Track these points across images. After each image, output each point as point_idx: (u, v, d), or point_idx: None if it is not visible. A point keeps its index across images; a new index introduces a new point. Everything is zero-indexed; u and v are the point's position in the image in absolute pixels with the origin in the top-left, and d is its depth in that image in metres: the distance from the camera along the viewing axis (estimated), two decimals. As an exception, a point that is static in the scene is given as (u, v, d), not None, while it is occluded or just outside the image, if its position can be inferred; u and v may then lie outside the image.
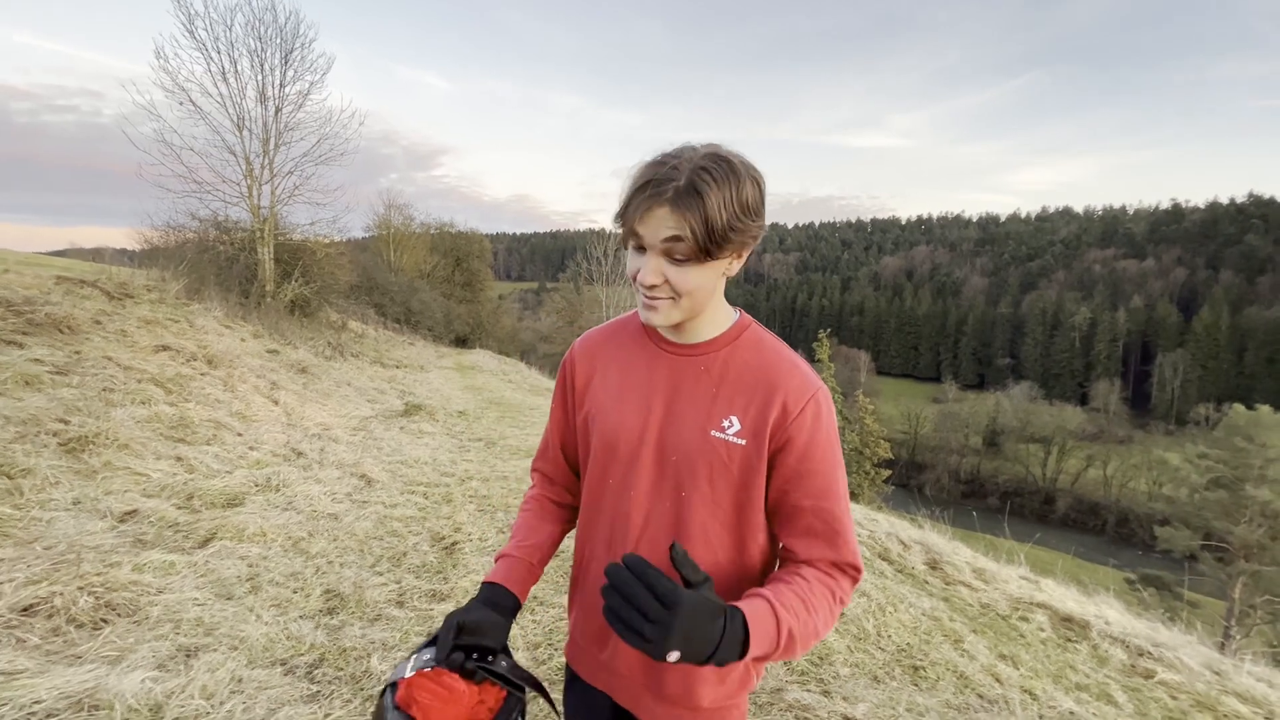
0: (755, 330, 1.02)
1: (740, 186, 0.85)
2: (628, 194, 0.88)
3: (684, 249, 0.85)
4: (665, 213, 0.84)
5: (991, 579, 4.81)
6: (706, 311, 0.97)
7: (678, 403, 0.97)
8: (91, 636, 2.16)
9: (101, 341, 5.63)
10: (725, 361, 0.98)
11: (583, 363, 1.09)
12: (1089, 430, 58.98)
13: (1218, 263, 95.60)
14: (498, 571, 1.04)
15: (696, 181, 0.82)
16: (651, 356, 1.02)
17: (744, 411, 0.94)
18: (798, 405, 0.92)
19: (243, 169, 12.26)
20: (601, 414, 1.02)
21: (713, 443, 0.94)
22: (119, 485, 3.49)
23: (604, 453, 1.01)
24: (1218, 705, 3.20)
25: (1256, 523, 22.23)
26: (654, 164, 0.87)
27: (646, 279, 0.88)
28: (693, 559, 0.78)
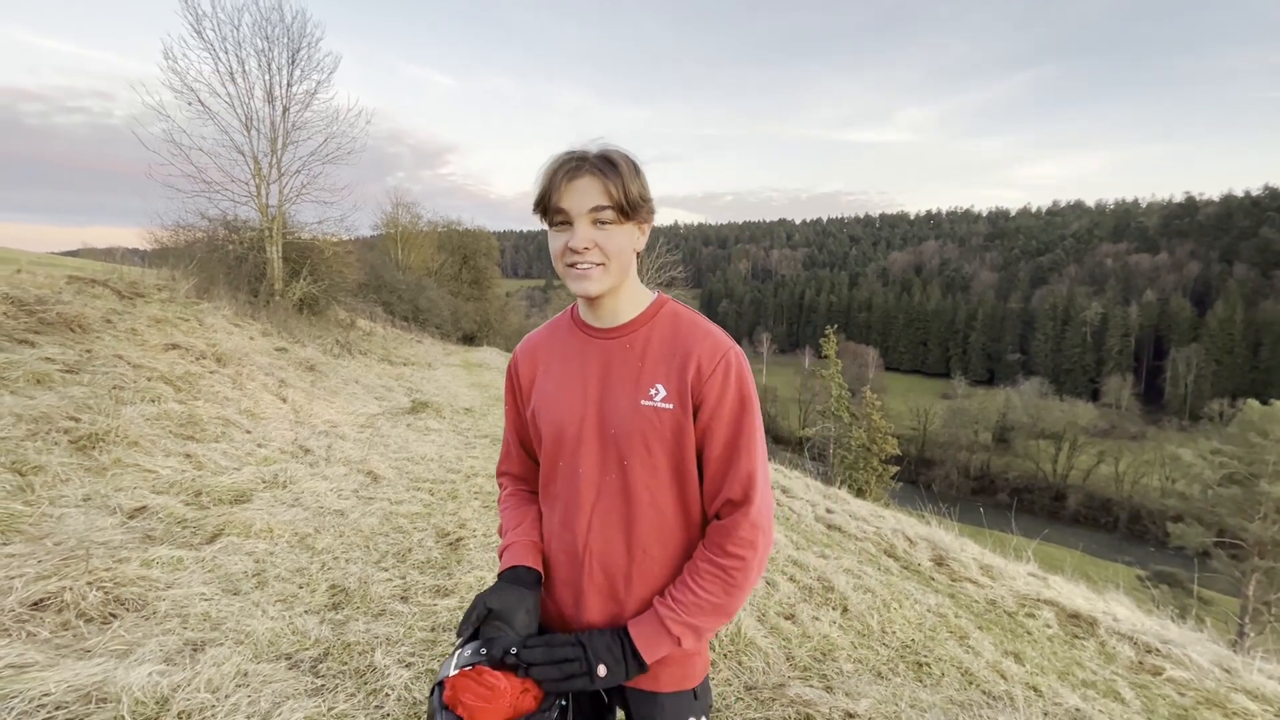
0: (672, 306, 1.12)
1: (638, 168, 1.02)
2: (546, 178, 1.00)
3: (608, 212, 0.98)
4: (587, 181, 0.97)
5: (998, 575, 4.78)
6: (625, 291, 1.08)
7: (610, 381, 1.07)
8: (100, 631, 2.19)
9: (112, 340, 5.70)
10: (647, 337, 1.08)
11: (525, 363, 1.20)
12: (1101, 426, 58.37)
13: (1232, 256, 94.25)
14: (511, 556, 1.11)
15: (608, 155, 0.99)
16: (583, 345, 1.12)
17: (666, 378, 1.04)
18: (710, 365, 1.02)
19: (251, 168, 12.34)
20: (546, 405, 1.11)
21: (644, 411, 1.03)
22: (129, 482, 3.53)
23: (553, 440, 1.10)
24: (1226, 702, 3.17)
25: (1271, 519, 21.95)
26: (563, 154, 1.01)
27: (578, 243, 0.99)
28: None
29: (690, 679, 1.09)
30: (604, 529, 1.06)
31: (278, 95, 12.32)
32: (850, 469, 25.38)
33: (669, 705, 1.07)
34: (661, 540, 1.06)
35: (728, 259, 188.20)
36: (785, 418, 65.40)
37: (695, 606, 0.99)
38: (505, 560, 1.11)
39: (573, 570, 1.08)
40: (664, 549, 1.06)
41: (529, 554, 1.12)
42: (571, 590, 1.09)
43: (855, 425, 26.88)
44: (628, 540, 1.05)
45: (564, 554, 1.09)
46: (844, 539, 5.20)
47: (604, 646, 0.97)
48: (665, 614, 0.99)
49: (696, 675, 1.10)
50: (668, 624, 0.99)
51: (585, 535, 1.06)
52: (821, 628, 3.15)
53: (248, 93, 11.97)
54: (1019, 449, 56.35)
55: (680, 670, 1.08)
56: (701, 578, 1.00)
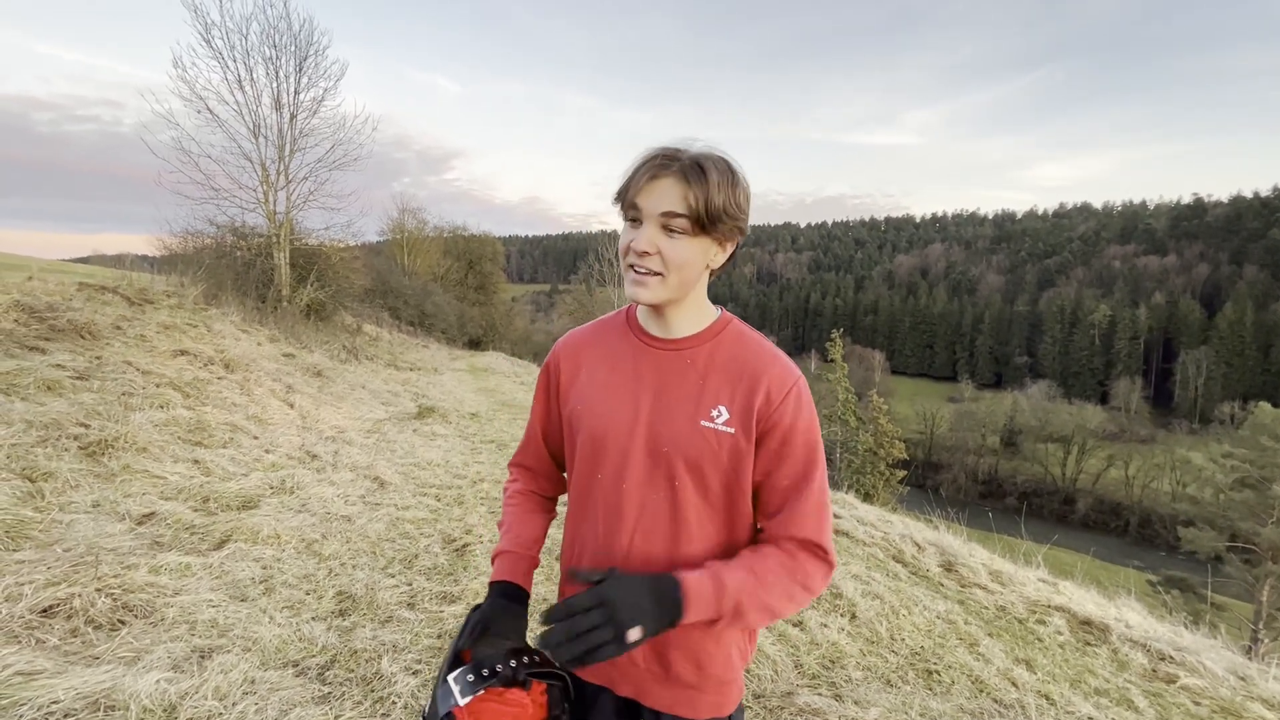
0: (737, 325, 1.06)
1: (735, 180, 0.94)
2: (631, 171, 0.94)
3: (681, 221, 0.91)
4: (669, 183, 0.91)
5: (1008, 581, 4.74)
6: (690, 304, 1.02)
7: (665, 396, 1.00)
8: (109, 637, 2.19)
9: (122, 347, 5.74)
10: (710, 355, 1.02)
11: (567, 360, 1.12)
12: (1110, 429, 57.97)
13: (1242, 258, 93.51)
14: (503, 569, 1.07)
15: (701, 160, 0.91)
16: (637, 352, 1.05)
17: (731, 400, 0.98)
18: (781, 393, 0.97)
19: (259, 175, 12.45)
20: (588, 410, 1.05)
21: (703, 432, 0.97)
22: (137, 488, 3.55)
23: (591, 447, 1.04)
24: (1243, 712, 3.12)
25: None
26: (657, 149, 0.94)
27: (640, 245, 0.93)
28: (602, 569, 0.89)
29: (726, 706, 1.04)
30: (646, 548, 1.00)
31: (285, 102, 12.44)
32: (857, 473, 25.27)
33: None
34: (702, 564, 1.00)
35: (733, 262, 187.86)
36: (791, 422, 65.03)
37: (753, 592, 0.91)
38: (502, 568, 1.07)
39: None
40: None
41: (524, 570, 1.08)
42: None
43: (862, 429, 26.79)
44: (671, 562, 0.98)
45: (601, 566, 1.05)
46: (852, 544, 5.17)
47: (639, 606, 0.83)
48: (723, 574, 0.90)
49: (732, 703, 1.05)
50: (722, 586, 0.89)
51: (626, 552, 1.01)
52: (830, 635, 3.13)
53: (255, 100, 12.10)
54: (1027, 452, 56.00)
55: (718, 697, 1.03)
56: (771, 573, 0.93)
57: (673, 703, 1.01)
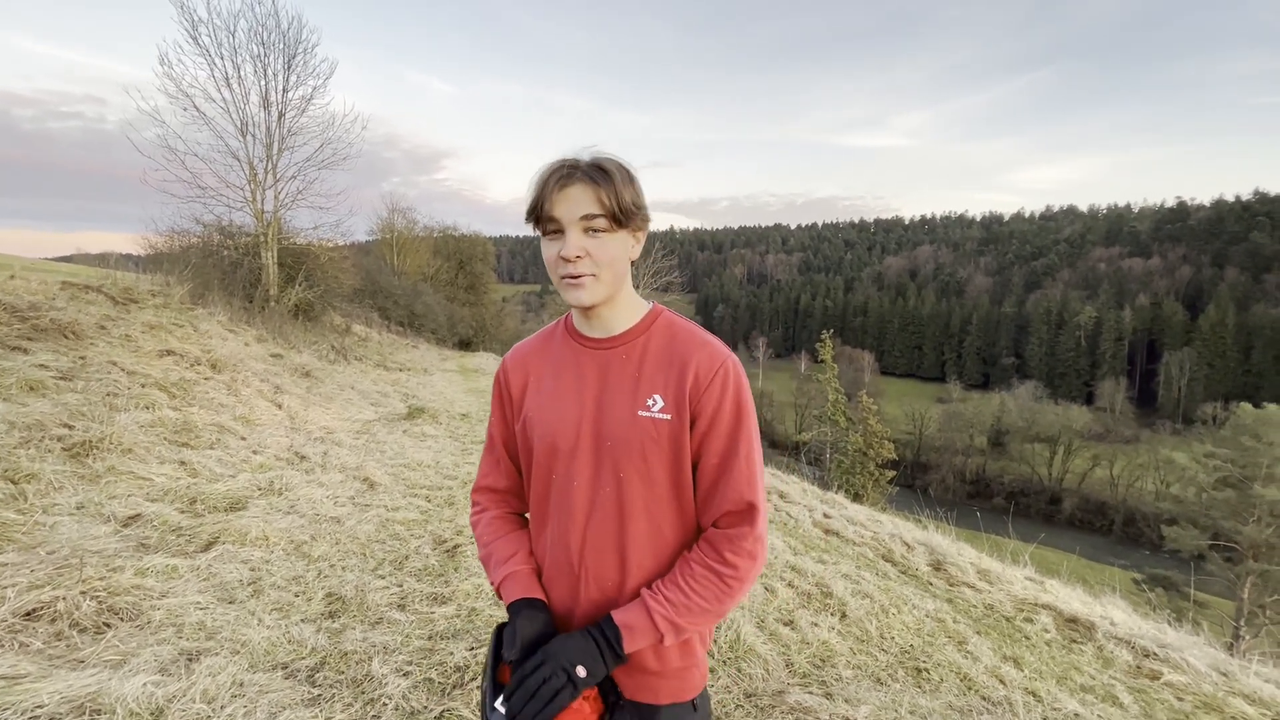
0: (668, 316, 1.12)
1: (631, 175, 1.02)
2: (538, 187, 1.00)
3: (600, 220, 0.97)
4: (579, 189, 0.97)
5: (996, 580, 4.79)
6: (621, 300, 1.08)
7: (607, 393, 1.06)
8: (94, 641, 2.17)
9: (106, 347, 5.67)
10: (644, 347, 1.07)
11: (515, 373, 1.17)
12: (1095, 430, 58.59)
13: (1223, 260, 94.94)
14: (516, 588, 1.08)
15: (600, 163, 0.99)
16: (578, 355, 1.10)
17: (664, 388, 1.03)
18: (708, 374, 1.02)
19: (246, 174, 12.32)
20: (539, 416, 1.09)
21: (641, 422, 1.02)
22: (122, 490, 3.51)
23: (546, 453, 1.08)
24: (1225, 707, 3.17)
25: (1265, 522, 22.04)
26: (555, 162, 1.00)
27: (569, 252, 0.98)
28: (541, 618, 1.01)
29: (689, 690, 1.08)
30: (598, 545, 1.04)
31: (273, 100, 12.33)
32: (847, 473, 25.40)
33: (666, 718, 1.06)
34: (656, 555, 1.04)
35: (724, 264, 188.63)
36: (782, 422, 65.46)
37: (685, 607, 0.98)
38: (514, 589, 1.07)
39: (567, 587, 1.06)
40: (658, 563, 1.04)
41: (536, 585, 1.09)
42: (566, 606, 1.07)
43: (851, 430, 26.92)
44: (622, 555, 1.03)
45: (558, 570, 1.07)
46: (842, 544, 5.20)
47: (576, 649, 0.95)
48: (654, 607, 0.98)
49: (695, 686, 1.09)
50: (655, 618, 0.97)
51: (580, 551, 1.05)
52: (820, 634, 3.15)
53: (243, 98, 11.97)
54: (1014, 453, 56.50)
55: (679, 682, 1.07)
56: (697, 581, 0.99)
57: (636, 689, 1.05)
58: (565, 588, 1.07)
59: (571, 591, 1.06)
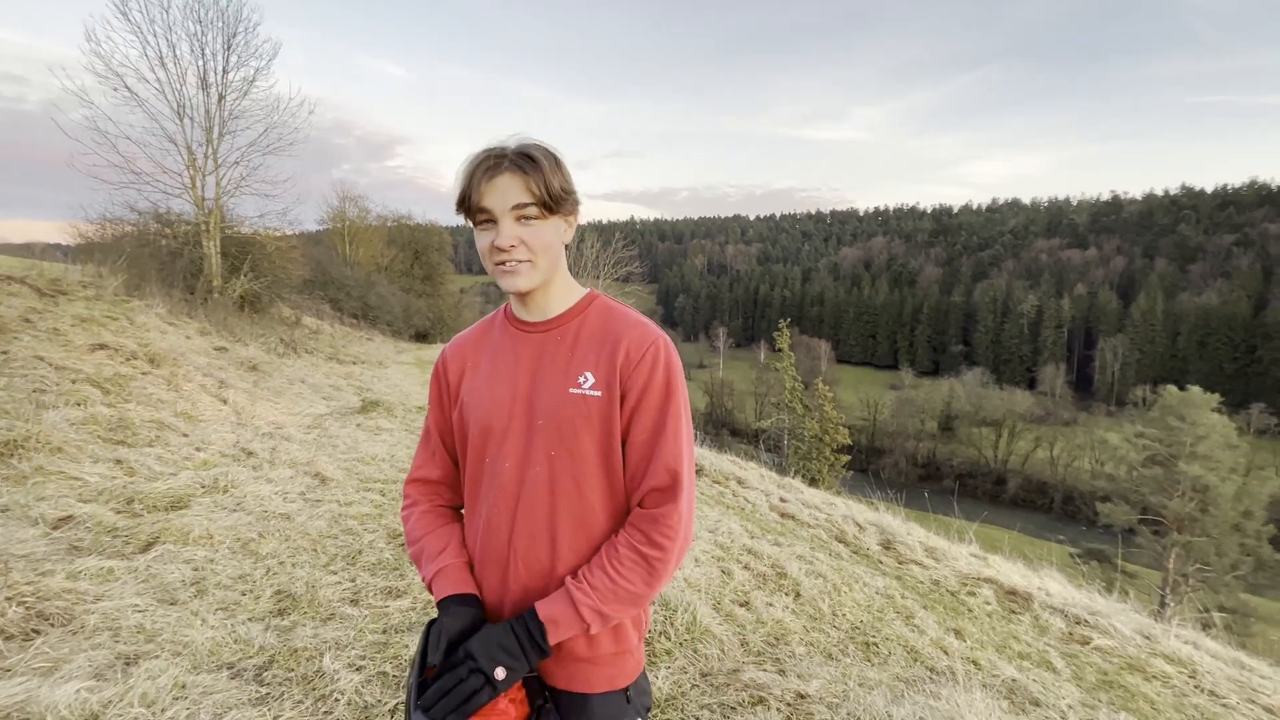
0: (603, 300, 1.13)
1: (559, 160, 1.01)
2: (466, 178, 0.99)
3: (531, 208, 0.97)
4: (508, 179, 0.96)
5: (942, 557, 5.00)
6: (556, 283, 1.08)
7: (539, 372, 1.06)
8: (21, 648, 2.06)
9: (31, 340, 5.35)
10: (579, 329, 1.08)
11: (454, 362, 1.17)
12: (1037, 413, 61.46)
13: (1153, 251, 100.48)
14: (447, 584, 1.05)
15: (527, 151, 0.98)
16: (515, 340, 1.10)
17: (595, 366, 1.03)
18: (639, 352, 1.02)
19: (185, 159, 11.76)
20: (474, 400, 1.09)
21: (572, 399, 1.02)
22: (52, 490, 3.33)
23: (480, 435, 1.07)
24: (1147, 667, 3.41)
25: (1188, 497, 23.61)
26: (480, 153, 1.00)
27: (504, 242, 0.98)
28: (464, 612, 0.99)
29: (622, 678, 1.05)
30: (529, 525, 1.02)
31: (212, 82, 11.79)
32: (804, 459, 25.99)
33: (599, 708, 1.03)
34: (588, 535, 1.03)
35: (684, 254, 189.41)
36: (741, 410, 66.44)
37: (611, 593, 0.96)
38: (444, 585, 1.04)
39: (498, 571, 1.04)
40: (590, 544, 1.03)
41: (467, 578, 1.07)
42: (497, 592, 1.05)
43: (808, 416, 27.53)
44: (552, 537, 1.02)
45: (488, 556, 1.06)
46: (797, 526, 5.33)
47: (496, 646, 0.92)
48: (579, 598, 0.95)
49: (629, 674, 1.06)
50: (580, 609, 0.95)
51: (509, 534, 1.03)
52: (775, 613, 3.23)
53: (179, 79, 11.41)
54: (962, 436, 58.82)
55: (611, 670, 1.04)
56: (623, 564, 0.97)
57: (569, 679, 1.04)
58: (496, 574, 1.05)
59: (502, 577, 1.04)
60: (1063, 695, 2.81)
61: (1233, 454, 25.12)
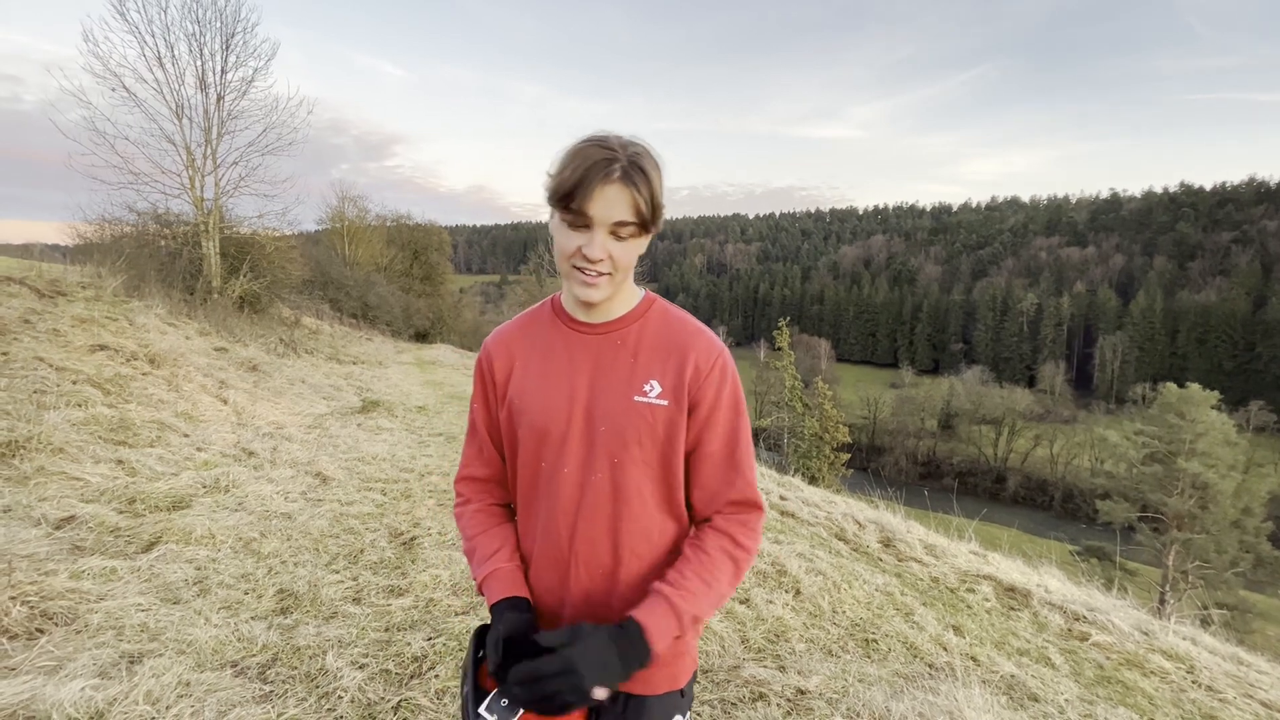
0: (661, 304, 1.10)
1: (660, 170, 0.96)
2: (574, 173, 0.90)
3: (630, 228, 0.93)
4: (616, 191, 0.90)
5: (942, 554, 5.01)
6: (622, 290, 1.05)
7: (600, 378, 1.03)
8: (26, 647, 2.07)
9: (31, 341, 5.35)
10: (639, 334, 1.05)
11: (500, 357, 1.11)
12: (1036, 411, 61.57)
13: (1153, 249, 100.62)
14: (499, 588, 1.04)
15: (639, 161, 0.91)
16: (568, 340, 1.07)
17: (662, 375, 1.02)
18: (708, 364, 1.02)
19: (183, 159, 11.75)
20: (527, 401, 1.05)
21: (638, 407, 1.00)
22: (54, 491, 3.34)
23: (534, 438, 1.04)
24: (1145, 663, 3.42)
25: (1188, 494, 23.65)
26: (593, 148, 0.91)
27: (594, 254, 0.93)
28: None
29: (681, 677, 1.06)
30: (589, 531, 1.01)
31: (211, 82, 11.78)
32: (804, 457, 25.98)
33: (657, 707, 1.03)
34: (649, 540, 1.03)
35: (684, 253, 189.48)
36: (741, 409, 66.30)
37: (705, 596, 0.96)
38: (497, 589, 1.03)
39: (557, 576, 1.04)
40: (651, 549, 1.03)
41: (521, 582, 1.06)
42: (555, 594, 1.05)
43: (808, 415, 27.51)
44: (614, 542, 1.02)
45: (547, 559, 1.05)
46: (797, 524, 5.34)
47: (598, 660, 0.86)
48: (680, 604, 0.93)
49: (686, 672, 1.07)
50: (682, 616, 0.93)
51: (570, 539, 1.02)
52: (775, 610, 3.24)
53: (178, 79, 11.41)
54: (962, 434, 58.88)
55: (672, 669, 1.04)
56: (717, 567, 0.98)
57: (629, 683, 0.99)
58: (555, 577, 1.04)
59: (561, 580, 1.04)
60: (1061, 691, 2.82)
61: (1232, 451, 25.17)
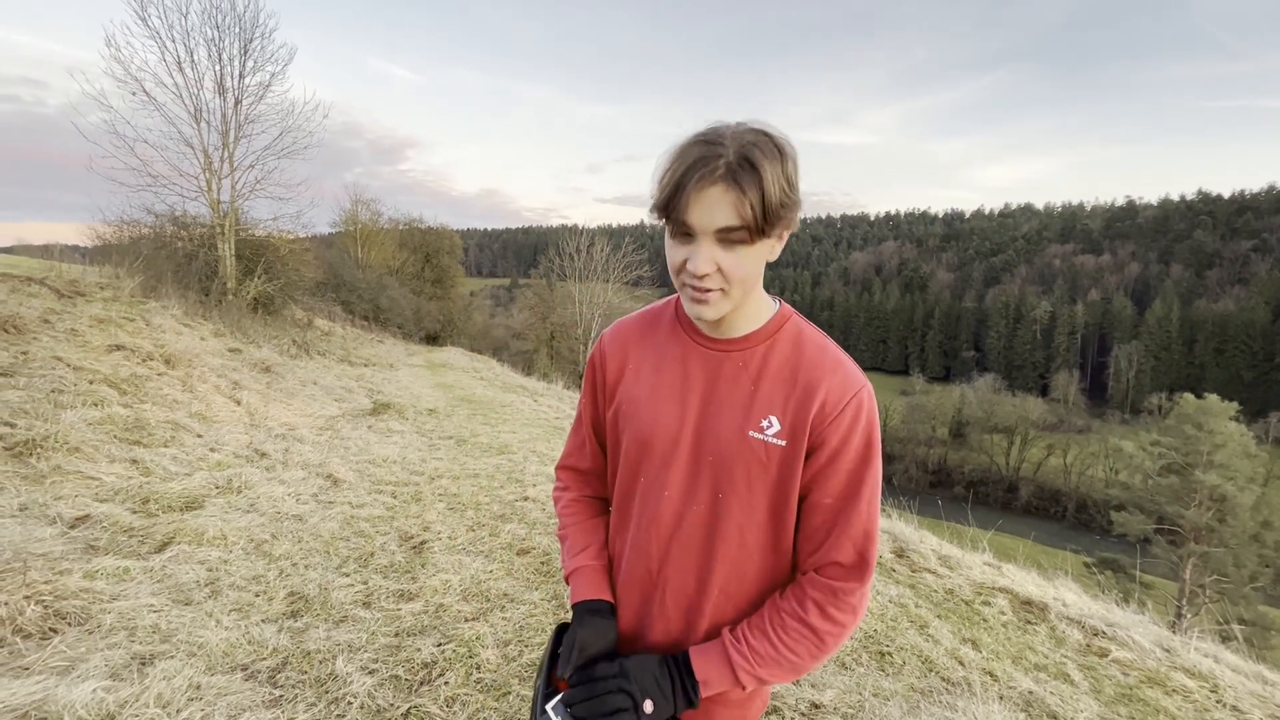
0: (796, 322, 0.97)
1: (785, 160, 0.81)
2: (671, 177, 0.80)
3: (739, 233, 0.80)
4: (719, 192, 0.78)
5: (956, 565, 4.94)
6: (747, 305, 0.92)
7: (715, 401, 0.93)
8: (39, 647, 2.08)
9: (50, 341, 5.41)
10: (764, 358, 0.93)
11: (614, 356, 1.04)
12: (1049, 420, 60.95)
13: (1169, 257, 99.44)
14: (583, 587, 1.02)
15: (749, 154, 0.78)
16: (687, 351, 0.97)
17: (783, 411, 0.90)
18: (838, 405, 0.88)
19: (201, 162, 11.89)
20: (634, 410, 0.98)
21: (751, 444, 0.90)
22: (69, 490, 3.36)
23: (637, 450, 0.98)
24: (1167, 680, 3.34)
25: (1205, 506, 23.25)
26: (695, 146, 0.80)
27: (700, 268, 0.82)
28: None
29: (750, 717, 1.01)
30: (682, 560, 0.95)
31: (229, 86, 11.92)
32: (814, 465, 25.80)
33: None
34: (742, 581, 0.95)
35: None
36: (750, 415, 66.16)
37: (772, 661, 0.89)
38: (581, 589, 1.01)
39: (641, 596, 0.99)
40: (743, 590, 0.95)
41: (604, 584, 1.03)
42: (636, 615, 1.00)
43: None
44: (705, 577, 0.94)
45: (634, 578, 0.99)
46: (808, 533, 5.29)
47: (651, 678, 0.87)
48: (736, 659, 0.89)
49: (755, 714, 1.02)
50: (737, 671, 0.89)
51: (660, 563, 0.96)
52: (787, 621, 3.20)
53: (197, 83, 11.55)
54: (974, 443, 58.34)
55: (741, 711, 0.99)
56: (789, 635, 0.89)
57: (696, 713, 0.97)
58: (639, 598, 0.99)
59: (645, 603, 0.99)
60: (1081, 708, 2.76)
61: (1251, 463, 24.73)
